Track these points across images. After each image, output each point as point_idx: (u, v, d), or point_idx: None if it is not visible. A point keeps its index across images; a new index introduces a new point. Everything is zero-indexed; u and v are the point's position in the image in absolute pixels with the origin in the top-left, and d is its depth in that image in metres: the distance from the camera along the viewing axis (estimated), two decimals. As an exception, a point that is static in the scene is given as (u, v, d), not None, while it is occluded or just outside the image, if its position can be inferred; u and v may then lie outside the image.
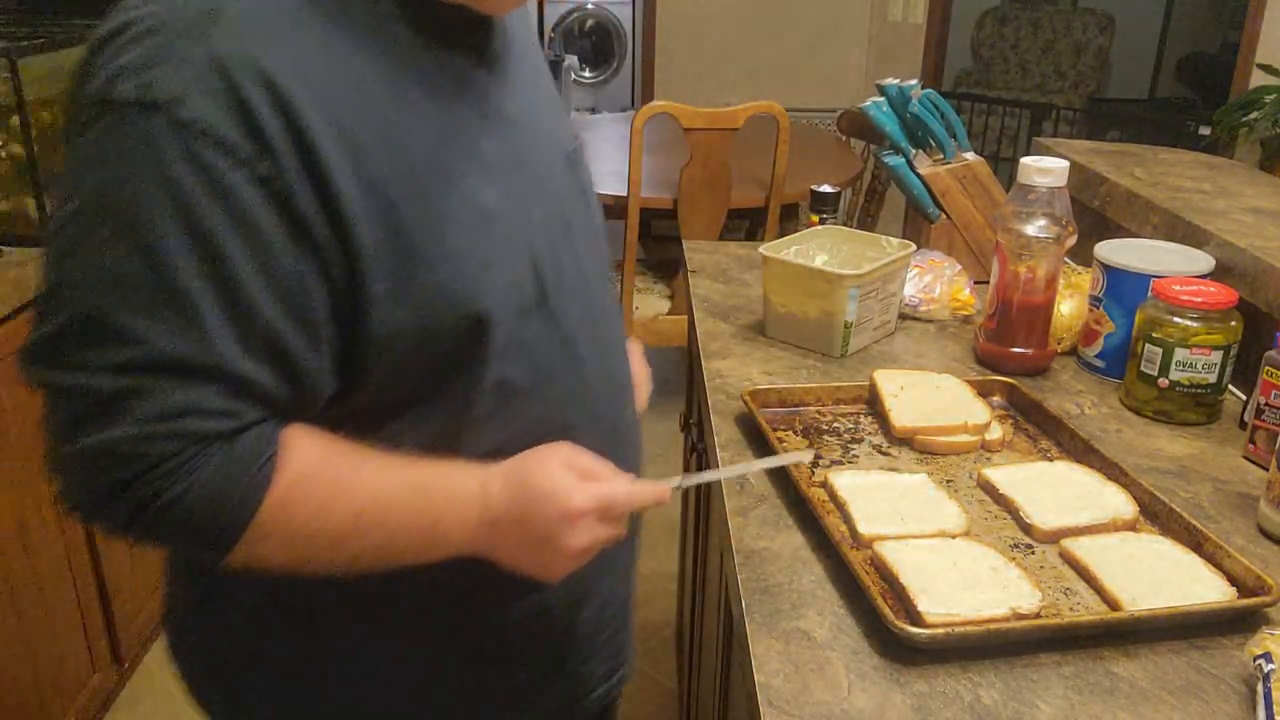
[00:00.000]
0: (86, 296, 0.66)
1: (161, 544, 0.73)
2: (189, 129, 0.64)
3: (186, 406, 0.66)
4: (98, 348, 0.65)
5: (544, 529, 0.78)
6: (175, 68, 0.65)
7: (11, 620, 1.72)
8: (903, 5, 4.81)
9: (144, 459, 0.66)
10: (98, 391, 0.66)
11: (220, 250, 0.66)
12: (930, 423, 1.11)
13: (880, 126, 1.62)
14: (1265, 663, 0.75)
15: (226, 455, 0.68)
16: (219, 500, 0.68)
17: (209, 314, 0.66)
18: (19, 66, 1.79)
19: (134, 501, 0.67)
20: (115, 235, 0.65)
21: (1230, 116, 3.64)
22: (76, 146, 0.67)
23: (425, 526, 0.77)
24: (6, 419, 1.70)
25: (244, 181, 0.66)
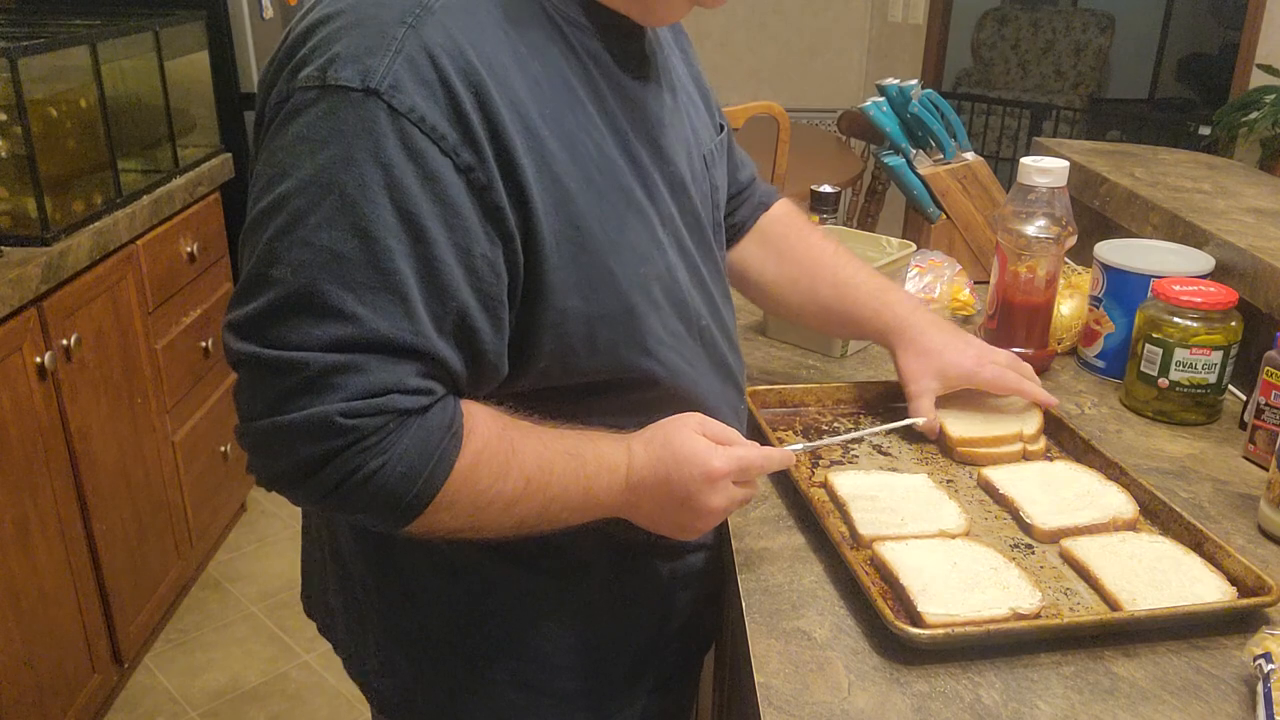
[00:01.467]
0: (303, 274, 0.68)
1: (353, 513, 0.75)
2: (406, 117, 0.68)
3: (392, 384, 0.70)
4: (313, 324, 0.68)
5: (685, 489, 0.82)
6: (392, 56, 0.68)
7: (11, 621, 1.72)
8: (903, 5, 4.81)
9: (354, 432, 0.69)
10: (311, 366, 0.68)
11: (427, 235, 0.69)
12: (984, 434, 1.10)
13: (880, 126, 1.62)
14: (1265, 663, 0.75)
15: (421, 428, 0.72)
16: (415, 471, 0.72)
17: (414, 296, 0.70)
18: (19, 66, 1.79)
19: (339, 473, 0.70)
20: (334, 214, 0.68)
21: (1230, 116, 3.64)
22: (290, 129, 0.70)
23: (581, 491, 0.81)
24: (6, 419, 1.70)
25: (449, 169, 0.70)
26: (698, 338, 0.91)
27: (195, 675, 2.28)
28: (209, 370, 2.51)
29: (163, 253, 2.27)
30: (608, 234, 0.79)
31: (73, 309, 1.90)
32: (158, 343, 2.25)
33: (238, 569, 2.64)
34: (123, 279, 2.10)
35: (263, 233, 0.70)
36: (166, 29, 2.37)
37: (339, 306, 0.68)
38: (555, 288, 0.76)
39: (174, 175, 2.36)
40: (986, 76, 6.60)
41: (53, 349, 1.82)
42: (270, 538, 2.76)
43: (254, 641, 2.39)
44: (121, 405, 2.09)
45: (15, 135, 1.83)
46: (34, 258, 1.78)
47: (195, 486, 2.43)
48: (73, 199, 2.00)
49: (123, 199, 2.12)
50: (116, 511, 2.07)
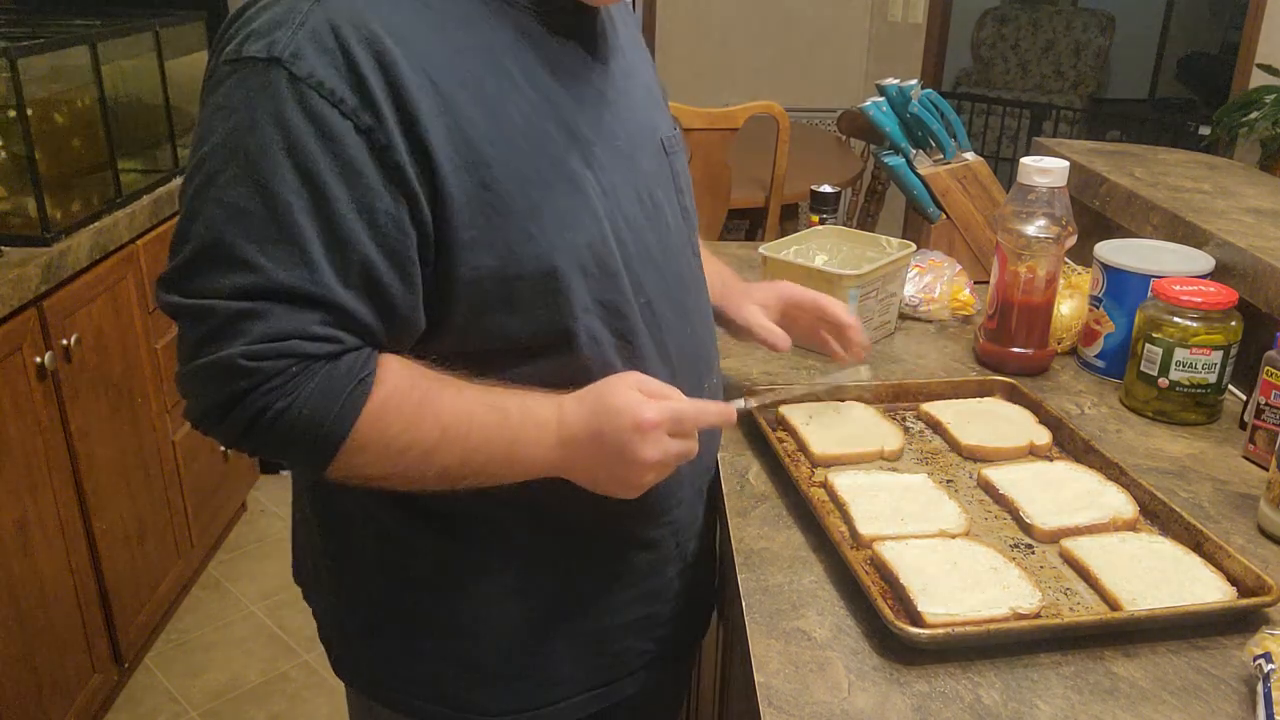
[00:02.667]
0: (213, 229, 0.74)
1: (272, 454, 0.80)
2: (304, 82, 0.73)
3: (294, 330, 0.75)
4: (221, 274, 0.74)
5: (618, 440, 0.83)
6: (295, 29, 0.74)
7: (12, 620, 1.72)
8: (903, 5, 4.81)
9: (256, 374, 0.74)
10: (219, 313, 0.74)
11: (326, 192, 0.74)
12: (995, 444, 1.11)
13: (880, 126, 1.62)
14: (1265, 663, 0.75)
15: (328, 374, 0.76)
16: (321, 412, 0.76)
17: (315, 248, 0.74)
18: (19, 66, 1.79)
19: (248, 413, 0.75)
20: (239, 174, 0.74)
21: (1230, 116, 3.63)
22: (211, 100, 0.76)
23: (505, 444, 0.83)
24: (6, 419, 1.70)
25: (349, 131, 0.74)
26: (637, 313, 0.90)
27: (195, 675, 2.28)
28: (209, 370, 2.51)
29: (163, 253, 2.27)
30: (529, 198, 0.81)
31: (73, 309, 1.90)
32: (158, 343, 2.25)
33: (238, 569, 2.64)
34: (123, 279, 2.10)
35: (185, 193, 0.77)
36: (166, 29, 2.37)
37: (244, 258, 0.73)
38: (466, 245, 0.79)
39: (174, 175, 2.35)
40: (986, 76, 6.60)
41: (53, 349, 1.82)
42: (270, 538, 2.76)
43: (254, 641, 2.39)
44: (121, 405, 2.09)
45: (15, 135, 1.83)
46: (34, 258, 1.78)
47: (195, 486, 2.43)
48: (73, 199, 2.00)
49: (123, 199, 2.12)
50: (116, 511, 2.07)
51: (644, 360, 0.91)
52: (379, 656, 0.97)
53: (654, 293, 0.92)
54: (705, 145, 2.79)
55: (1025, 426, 1.14)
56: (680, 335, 0.96)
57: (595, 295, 0.86)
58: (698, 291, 1.02)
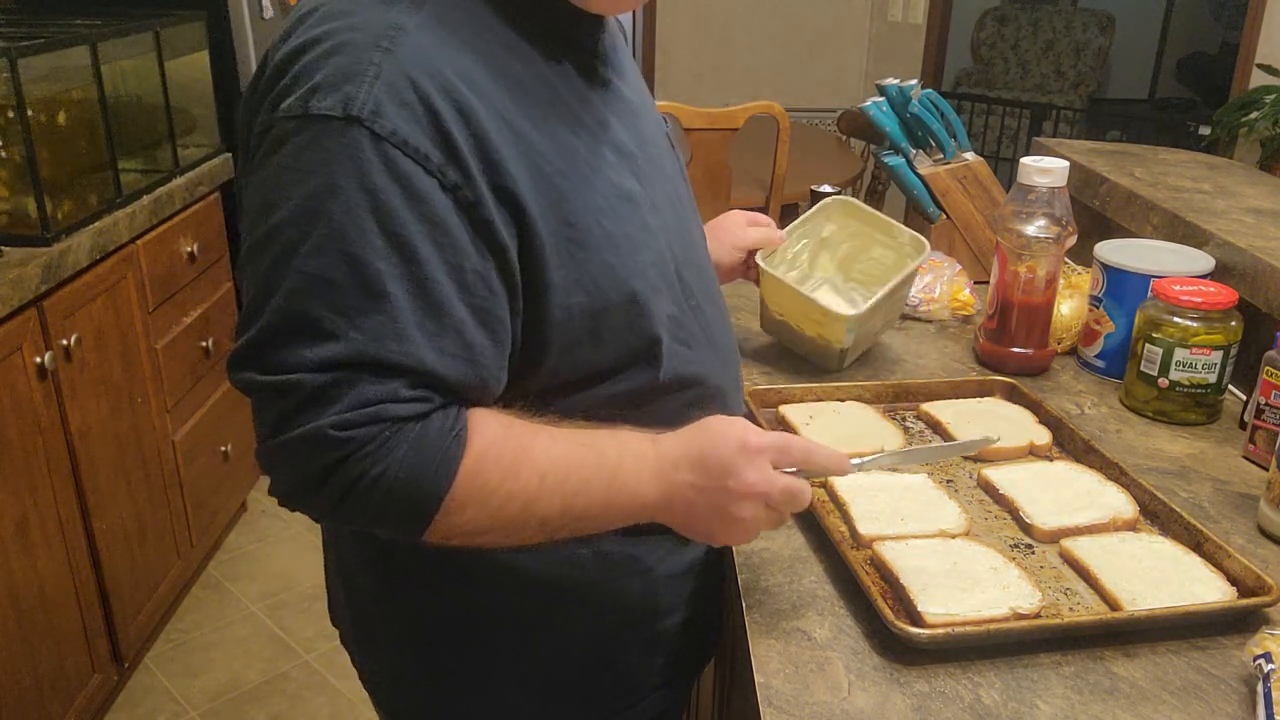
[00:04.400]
0: (296, 301, 0.70)
1: (370, 522, 0.76)
2: (388, 141, 0.69)
3: (385, 396, 0.71)
4: (305, 347, 0.70)
5: (720, 464, 0.78)
6: (370, 82, 0.70)
7: (12, 620, 1.72)
8: (903, 5, 4.81)
9: (350, 443, 0.71)
10: (304, 386, 0.70)
11: (416, 255, 0.70)
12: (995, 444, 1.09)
13: (880, 126, 1.62)
14: (1265, 663, 0.75)
15: (420, 434, 0.73)
16: (418, 473, 0.72)
17: (405, 316, 0.71)
18: (19, 66, 1.79)
19: (343, 483, 0.72)
20: (322, 243, 0.69)
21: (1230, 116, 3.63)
22: (275, 160, 0.71)
23: (604, 483, 0.79)
24: (6, 419, 1.70)
25: (435, 189, 0.71)
26: (693, 317, 0.91)
27: (195, 675, 2.28)
28: (209, 370, 2.51)
29: (163, 253, 2.27)
30: (604, 228, 0.79)
31: (73, 309, 1.90)
32: (158, 343, 2.25)
33: (238, 569, 2.64)
34: (123, 279, 2.10)
35: (258, 265, 0.72)
36: (166, 29, 2.36)
37: (331, 330, 0.70)
38: (558, 286, 0.77)
39: (174, 175, 2.35)
40: (986, 76, 6.60)
41: (53, 349, 1.82)
42: (270, 538, 2.76)
43: (254, 641, 2.39)
44: (121, 405, 2.09)
45: (15, 135, 1.83)
46: (34, 258, 1.78)
47: (195, 486, 2.43)
48: (73, 199, 2.00)
49: (123, 199, 2.12)
50: (116, 511, 2.07)
51: (701, 361, 0.91)
52: (446, 699, 0.95)
53: (699, 293, 0.93)
54: (705, 145, 2.79)
55: (1025, 426, 1.14)
56: (720, 327, 0.97)
57: (663, 310, 0.86)
58: (717, 283, 1.02)
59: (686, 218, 0.95)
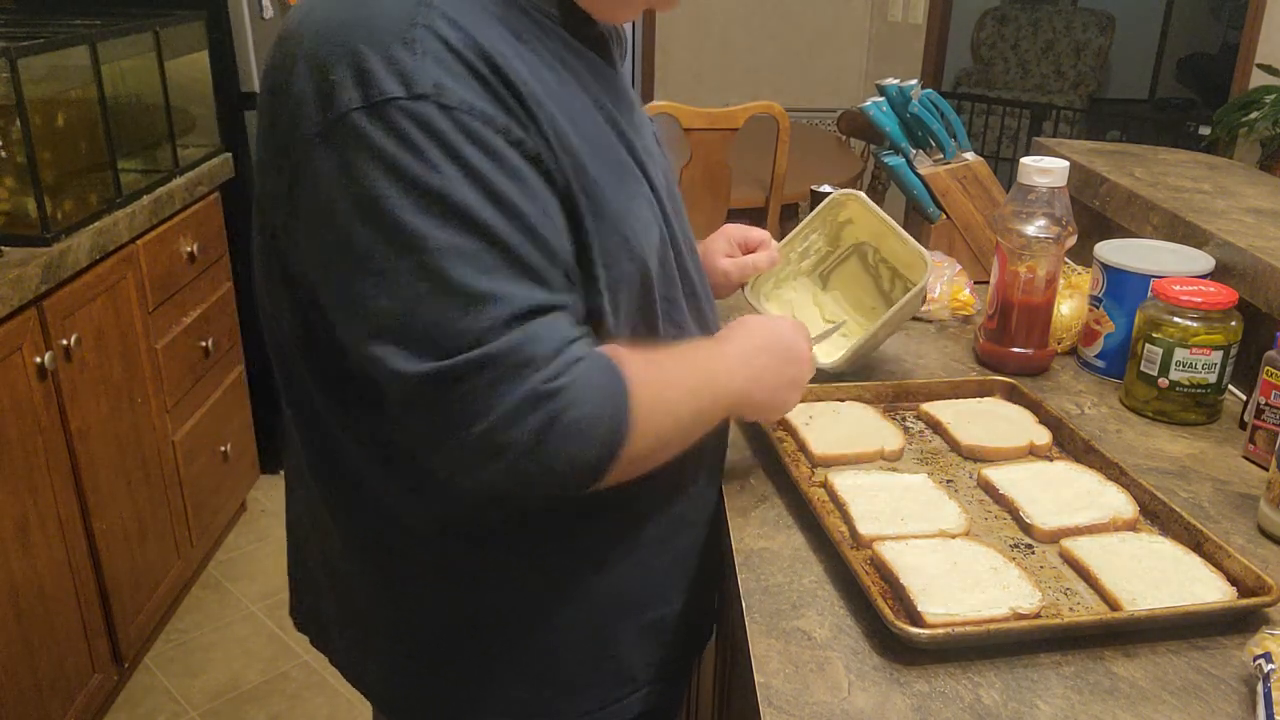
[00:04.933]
0: (438, 278, 0.71)
1: (579, 468, 0.77)
2: (458, 110, 0.72)
3: (562, 338, 0.75)
4: (473, 318, 0.71)
5: (782, 340, 0.97)
6: (420, 59, 0.72)
7: (11, 620, 1.72)
8: (903, 5, 4.81)
9: (561, 393, 0.73)
10: (498, 354, 0.71)
11: (517, 208, 0.74)
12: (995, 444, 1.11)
13: (880, 126, 1.62)
14: (1265, 663, 0.75)
15: (587, 369, 0.76)
16: (605, 404, 0.76)
17: (535, 261, 0.74)
18: (19, 66, 1.79)
19: (560, 435, 0.73)
20: (441, 219, 0.71)
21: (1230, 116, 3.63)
22: (354, 155, 0.72)
23: (706, 377, 0.89)
24: (6, 419, 1.70)
25: (506, 147, 0.74)
26: (684, 301, 0.94)
27: (195, 675, 2.28)
28: (209, 370, 2.51)
29: (163, 253, 2.27)
30: (618, 203, 0.82)
31: (73, 309, 1.90)
32: (158, 343, 2.25)
33: (238, 569, 2.64)
34: (123, 279, 2.10)
35: (380, 261, 0.72)
36: (166, 29, 2.36)
37: (487, 291, 0.71)
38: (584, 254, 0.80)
39: (174, 175, 2.35)
40: (986, 76, 6.60)
41: (53, 349, 1.82)
42: (270, 538, 2.76)
43: (254, 641, 2.39)
44: (121, 405, 2.09)
45: (15, 135, 1.83)
46: (34, 258, 1.78)
47: (195, 486, 2.43)
48: (73, 199, 2.00)
49: (123, 199, 2.12)
50: (116, 511, 2.07)
51: None
52: (446, 690, 0.96)
53: (695, 279, 0.96)
54: (705, 145, 2.79)
55: (1025, 426, 1.14)
56: (709, 311, 1.00)
57: (664, 292, 0.89)
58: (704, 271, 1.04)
59: (679, 205, 0.99)
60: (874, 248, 1.34)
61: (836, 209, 1.33)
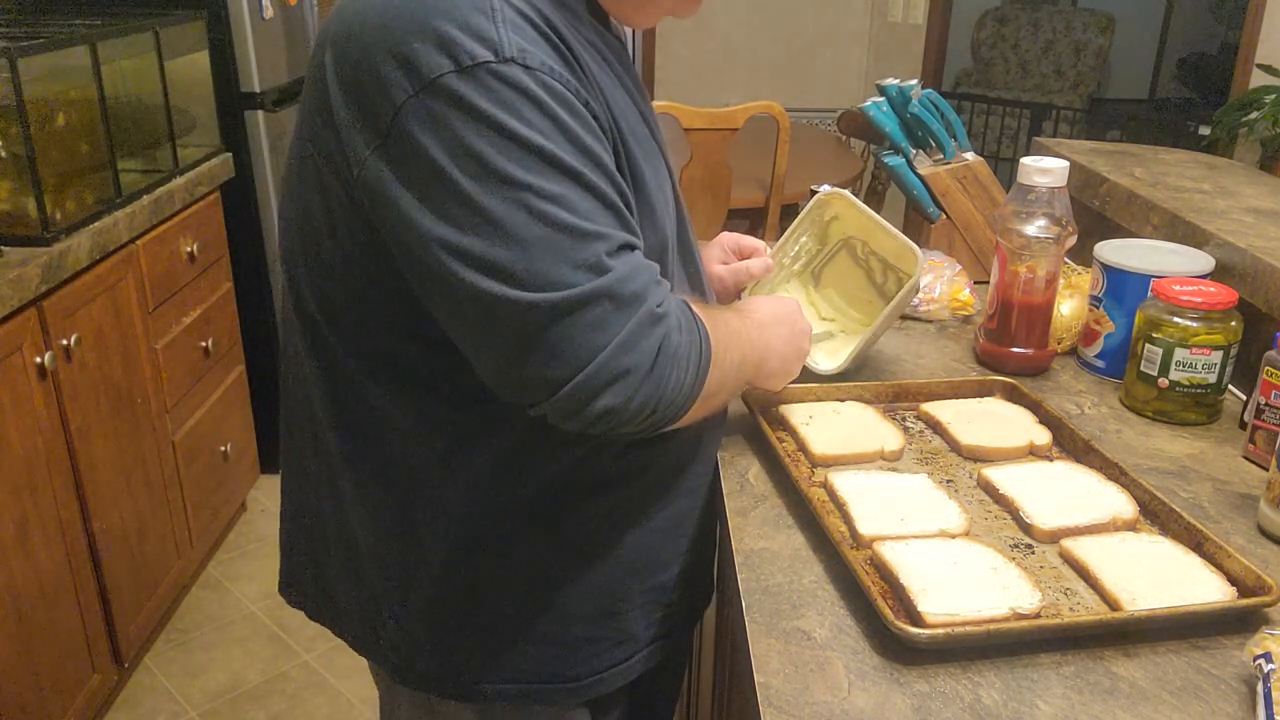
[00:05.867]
0: (547, 221, 0.76)
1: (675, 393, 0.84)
2: (540, 71, 0.78)
3: (654, 269, 0.83)
4: (585, 253, 0.77)
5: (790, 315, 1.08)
6: (500, 25, 0.77)
7: (12, 620, 1.72)
8: (903, 5, 4.81)
9: (669, 316, 0.82)
10: (608, 284, 0.78)
11: (602, 160, 0.81)
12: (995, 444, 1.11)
13: (880, 126, 1.62)
14: (1265, 663, 0.75)
15: (674, 298, 0.85)
16: (694, 333, 0.86)
17: (619, 206, 0.82)
18: (19, 66, 1.79)
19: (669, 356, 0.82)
20: (541, 169, 0.77)
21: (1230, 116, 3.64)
22: (451, 117, 0.76)
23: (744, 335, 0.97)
24: (6, 419, 1.70)
25: (580, 105, 0.80)
26: (690, 278, 1.02)
27: (195, 675, 2.28)
28: (209, 370, 2.51)
29: (163, 253, 2.27)
30: (645, 174, 0.89)
31: (73, 309, 1.90)
32: (158, 343, 2.25)
33: (238, 569, 2.64)
34: (123, 279, 2.10)
35: (490, 211, 0.76)
36: (166, 29, 2.37)
37: (592, 230, 0.78)
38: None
39: (174, 175, 2.35)
40: (986, 76, 6.60)
41: (53, 349, 1.82)
42: (270, 538, 2.76)
43: (254, 641, 2.39)
44: (121, 405, 2.09)
45: (15, 135, 1.83)
46: (34, 258, 1.78)
47: (195, 486, 2.43)
48: (73, 199, 2.00)
49: (123, 199, 2.12)
50: (116, 511, 2.07)
51: None
52: (459, 655, 0.98)
53: (696, 258, 1.04)
54: (705, 145, 2.79)
55: (1025, 426, 1.14)
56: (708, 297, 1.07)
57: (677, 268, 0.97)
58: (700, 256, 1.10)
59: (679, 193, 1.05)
60: (862, 241, 1.34)
61: (822, 208, 1.34)
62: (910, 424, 1.18)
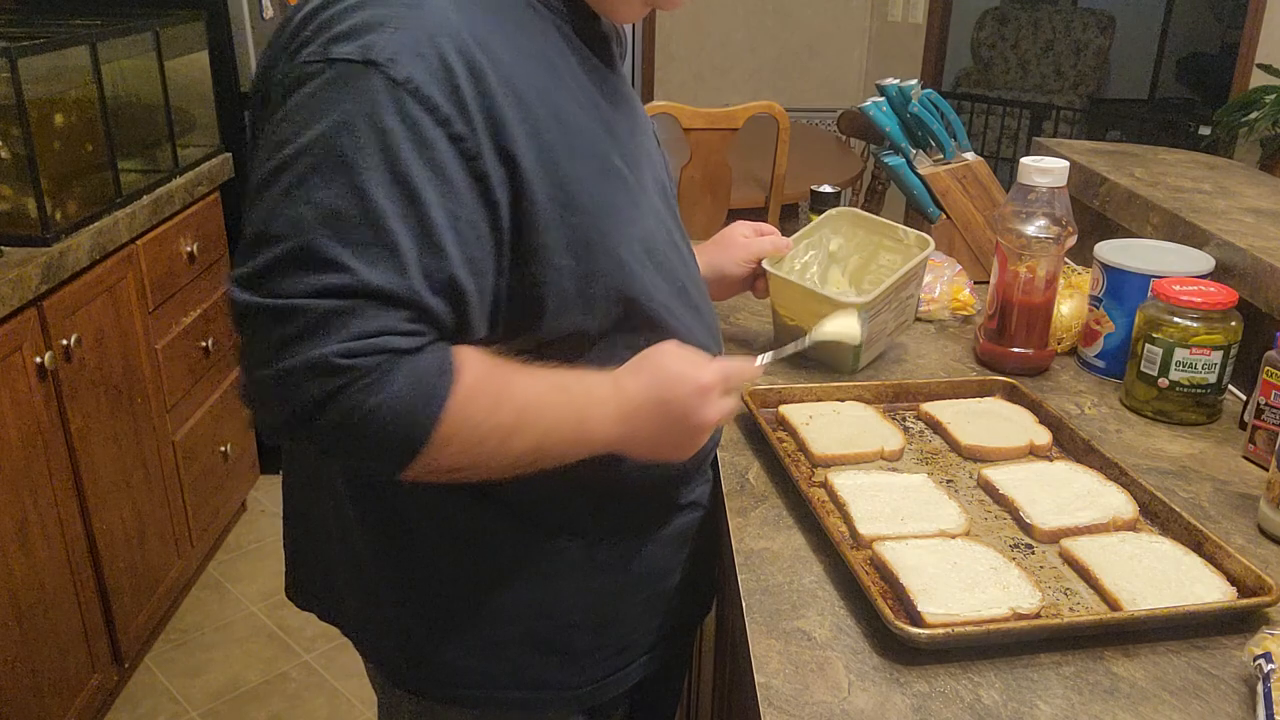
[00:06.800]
0: (303, 230, 0.73)
1: (357, 454, 0.78)
2: (402, 87, 0.74)
3: (385, 328, 0.74)
4: (311, 275, 0.73)
5: (682, 407, 0.88)
6: (392, 33, 0.75)
7: (12, 620, 1.72)
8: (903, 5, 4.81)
9: (351, 371, 0.73)
10: (308, 312, 0.72)
11: (420, 196, 0.75)
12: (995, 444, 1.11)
13: (880, 126, 1.62)
14: (1265, 663, 0.75)
15: (413, 367, 0.76)
16: (412, 405, 0.75)
17: (407, 252, 0.74)
18: (19, 66, 1.79)
19: (339, 412, 0.74)
20: (333, 176, 0.73)
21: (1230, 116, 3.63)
22: (292, 100, 0.76)
23: (573, 423, 0.85)
24: (6, 419, 1.70)
25: (441, 138, 0.75)
26: (679, 296, 0.96)
27: (195, 675, 2.28)
28: (209, 370, 2.51)
29: (163, 253, 2.27)
30: (594, 197, 0.85)
31: (73, 309, 1.90)
32: (158, 343, 2.25)
33: (238, 569, 2.64)
34: (123, 279, 2.10)
35: (268, 192, 0.75)
36: (166, 29, 2.37)
37: (336, 259, 0.72)
38: (550, 247, 0.82)
39: (174, 175, 2.35)
40: (986, 76, 6.60)
41: (53, 349, 1.82)
42: (270, 538, 2.76)
43: (254, 641, 2.39)
44: (121, 405, 2.09)
45: (15, 135, 1.83)
46: (34, 258, 1.78)
47: (195, 486, 2.43)
48: (73, 199, 2.00)
49: (123, 199, 2.12)
50: (116, 511, 2.07)
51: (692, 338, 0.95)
52: (455, 658, 0.97)
53: (684, 277, 0.98)
54: (705, 145, 2.79)
55: (1025, 426, 1.14)
56: (706, 314, 1.02)
57: (652, 284, 0.91)
58: (699, 271, 1.06)
59: (674, 210, 1.02)
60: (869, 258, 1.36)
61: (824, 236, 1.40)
62: (910, 424, 1.18)
